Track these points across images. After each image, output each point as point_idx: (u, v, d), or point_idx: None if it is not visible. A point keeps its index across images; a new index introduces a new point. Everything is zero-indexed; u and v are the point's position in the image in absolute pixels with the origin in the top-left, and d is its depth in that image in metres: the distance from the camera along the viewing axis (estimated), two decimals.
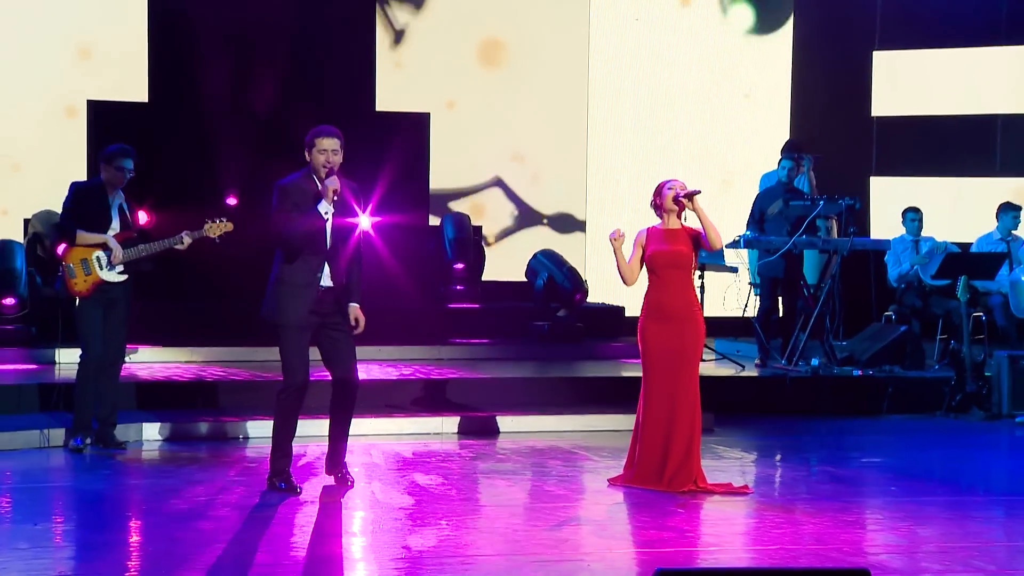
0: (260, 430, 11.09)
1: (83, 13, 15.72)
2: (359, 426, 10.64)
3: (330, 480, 9.56)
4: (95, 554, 8.04)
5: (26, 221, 14.57)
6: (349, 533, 8.69)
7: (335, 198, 9.21)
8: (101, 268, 10.39)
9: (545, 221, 17.23)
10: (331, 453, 9.64)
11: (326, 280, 9.26)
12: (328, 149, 9.17)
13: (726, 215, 15.08)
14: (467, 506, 9.35)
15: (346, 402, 9.56)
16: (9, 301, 13.08)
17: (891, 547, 8.35)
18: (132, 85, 15.41)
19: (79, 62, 15.59)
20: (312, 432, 10.30)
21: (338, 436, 9.61)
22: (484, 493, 9.85)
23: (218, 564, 7.82)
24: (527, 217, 17.04)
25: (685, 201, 9.69)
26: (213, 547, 8.14)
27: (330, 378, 9.52)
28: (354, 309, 9.42)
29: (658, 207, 9.74)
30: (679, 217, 9.72)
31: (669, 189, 9.71)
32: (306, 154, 9.32)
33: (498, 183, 17.00)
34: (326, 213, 9.13)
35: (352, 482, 9.64)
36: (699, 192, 9.71)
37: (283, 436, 9.38)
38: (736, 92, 17.62)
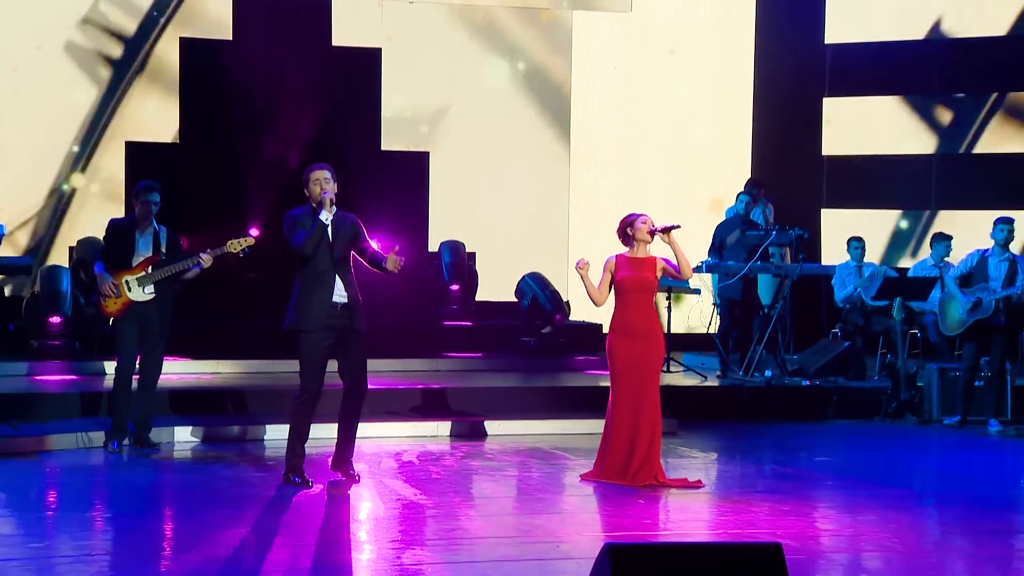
0: (278, 433, 11.04)
1: None
2: (365, 429, 10.66)
3: (337, 475, 9.61)
4: (134, 536, 8.23)
5: (71, 248, 14.56)
6: (355, 520, 8.89)
7: (333, 208, 9.27)
8: (130, 291, 10.45)
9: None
10: (339, 452, 9.68)
11: (339, 296, 9.35)
12: (320, 179, 9.32)
13: (695, 242, 14.82)
14: (457, 498, 9.46)
15: (355, 408, 9.65)
16: (55, 319, 13.09)
17: (816, 531, 8.52)
18: (165, 128, 15.39)
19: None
20: (324, 435, 10.28)
21: (346, 437, 9.67)
22: (473, 487, 9.95)
23: (241, 544, 8.05)
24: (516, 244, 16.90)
25: (662, 235, 9.69)
26: (236, 530, 8.36)
27: (342, 386, 9.60)
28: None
29: (629, 237, 9.76)
30: (647, 247, 9.82)
31: (643, 223, 9.71)
32: (305, 190, 9.50)
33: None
34: (327, 219, 9.21)
35: (358, 478, 9.65)
36: (678, 227, 9.72)
37: (297, 437, 9.48)
38: (703, 132, 17.51)
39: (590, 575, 5.81)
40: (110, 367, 12.35)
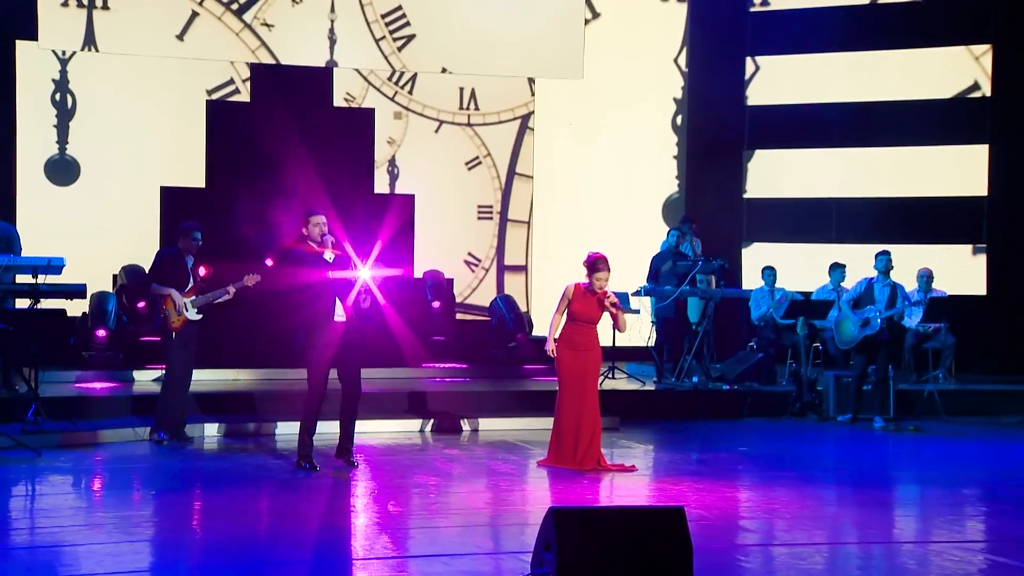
0: (288, 428, 11.14)
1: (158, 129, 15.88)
2: (362, 426, 10.75)
3: (340, 463, 9.74)
4: (173, 509, 8.50)
5: (114, 276, 14.48)
6: (353, 496, 9.15)
7: (335, 252, 9.57)
8: (188, 311, 10.63)
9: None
10: (342, 443, 9.81)
11: (339, 316, 9.58)
12: (320, 223, 9.62)
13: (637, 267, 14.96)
14: (437, 479, 9.69)
15: (352, 405, 9.81)
16: (101, 333, 13.10)
17: (723, 502, 8.85)
18: (194, 175, 15.24)
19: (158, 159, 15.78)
20: (326, 430, 10.37)
21: (347, 430, 9.82)
22: (451, 471, 10.11)
23: (262, 514, 8.41)
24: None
25: (609, 308, 9.80)
26: (258, 503, 8.71)
27: (341, 388, 9.75)
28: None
29: (589, 274, 9.86)
30: (599, 281, 9.83)
31: (597, 280, 9.79)
32: (303, 228, 9.71)
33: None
34: (330, 259, 9.48)
35: (357, 464, 9.79)
36: (621, 310, 9.88)
37: (306, 430, 9.64)
38: (644, 177, 17.62)
39: (539, 531, 6.24)
40: (147, 375, 12.72)
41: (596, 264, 9.84)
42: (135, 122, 16.02)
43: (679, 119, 17.64)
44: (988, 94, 16.29)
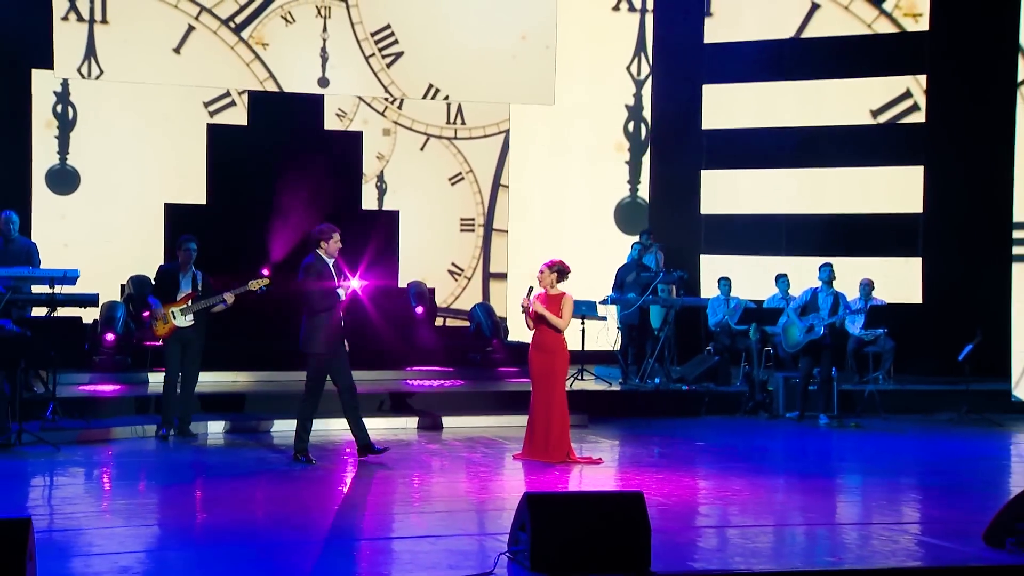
0: (284, 426, 11.20)
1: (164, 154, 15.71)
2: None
3: (368, 457, 9.82)
4: (181, 497, 8.64)
5: (122, 286, 14.30)
6: (345, 485, 9.34)
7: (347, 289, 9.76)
8: (175, 319, 10.75)
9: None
10: (361, 438, 9.85)
11: (337, 323, 9.75)
12: (338, 239, 9.85)
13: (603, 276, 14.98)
14: (421, 471, 9.85)
15: (355, 400, 9.93)
16: (109, 337, 13.03)
17: (681, 490, 8.96)
18: (195, 192, 15.13)
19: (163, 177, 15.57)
20: (320, 427, 10.60)
21: (359, 425, 9.89)
22: (434, 463, 10.23)
23: (263, 502, 8.54)
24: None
25: (531, 308, 9.96)
26: (260, 493, 8.83)
27: (337, 389, 9.82)
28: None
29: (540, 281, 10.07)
30: (552, 286, 10.03)
31: (532, 292, 10.02)
32: (322, 241, 9.81)
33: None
34: (343, 291, 9.77)
35: (387, 448, 9.90)
36: (532, 311, 9.93)
37: (303, 427, 9.83)
38: (608, 192, 17.40)
39: (515, 514, 6.52)
40: (154, 377, 12.43)
41: (563, 268, 10.10)
42: (135, 136, 15.88)
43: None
44: (923, 120, 16.21)
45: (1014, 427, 13.05)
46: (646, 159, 17.53)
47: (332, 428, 11.19)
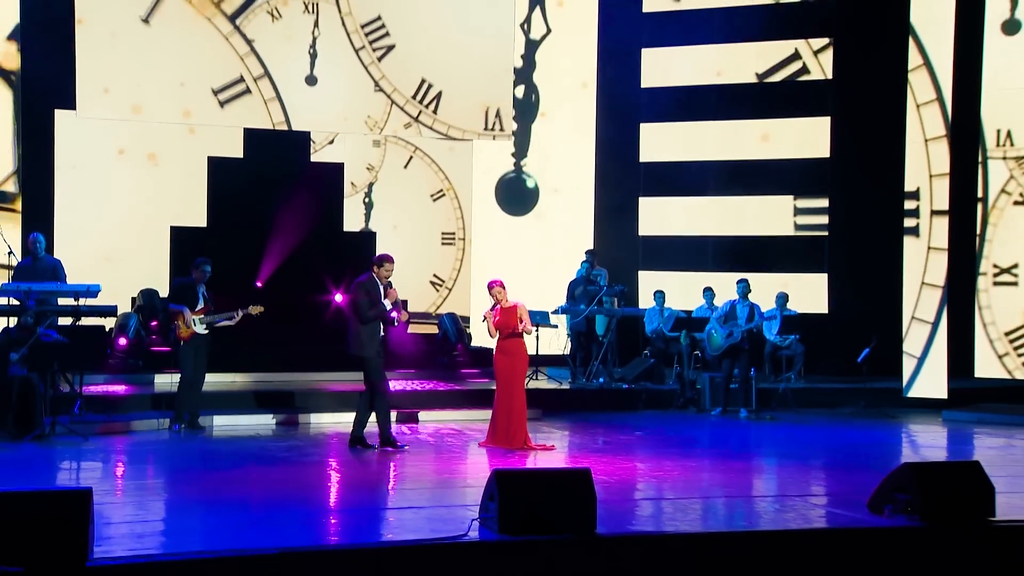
0: (284, 419, 11.54)
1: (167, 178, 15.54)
2: (336, 417, 11.50)
3: (388, 448, 9.91)
4: (189, 478, 8.75)
5: (133, 298, 14.39)
6: (337, 468, 9.43)
7: (395, 299, 10.01)
8: (196, 326, 11.02)
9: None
10: (384, 431, 10.00)
11: (380, 334, 10.10)
12: (392, 269, 10.08)
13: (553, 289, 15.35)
14: (401, 455, 9.89)
15: (382, 400, 10.09)
16: (122, 342, 13.19)
17: (621, 470, 9.18)
18: (197, 216, 15.14)
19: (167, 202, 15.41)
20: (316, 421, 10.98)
21: (384, 422, 10.05)
22: (411, 450, 10.18)
23: (259, 480, 8.66)
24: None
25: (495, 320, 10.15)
26: (259, 473, 8.92)
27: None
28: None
29: (496, 299, 10.26)
30: (505, 300, 10.26)
31: (493, 303, 10.22)
32: (375, 266, 10.06)
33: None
34: (387, 302, 9.97)
35: (406, 445, 9.99)
36: (496, 322, 10.10)
37: (385, 419, 10.03)
38: (560, 217, 17.41)
39: (484, 488, 6.73)
40: (161, 378, 12.70)
41: (495, 285, 10.39)
42: (144, 166, 15.67)
43: (590, 170, 17.47)
44: (827, 155, 16.30)
45: (904, 419, 13.24)
46: (592, 186, 17.54)
47: (323, 422, 11.53)
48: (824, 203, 16.54)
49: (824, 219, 16.56)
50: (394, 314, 10.12)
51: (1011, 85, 14.79)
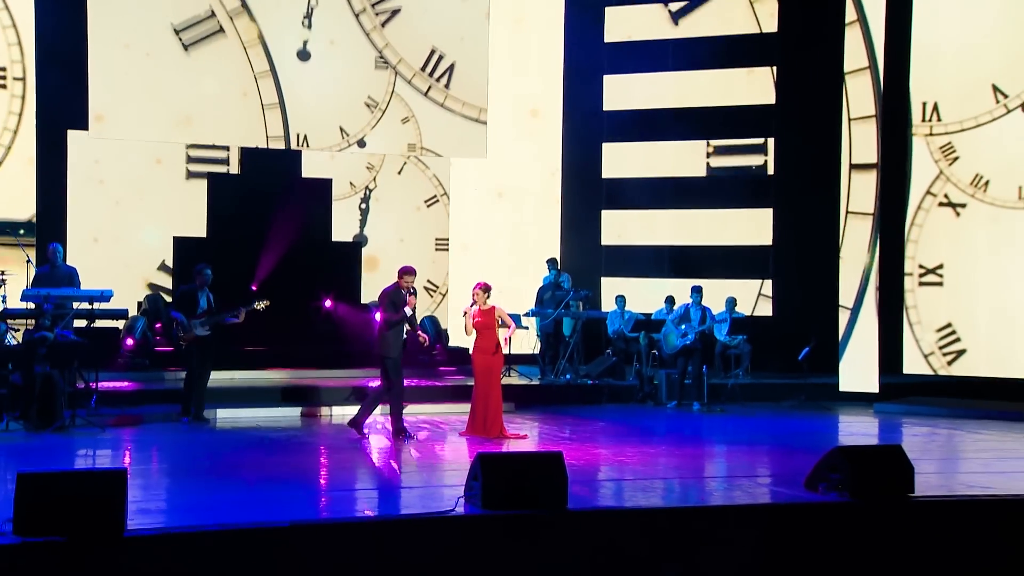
0: (279, 412, 11.70)
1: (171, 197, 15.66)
2: (346, 410, 11.65)
3: (401, 437, 10.04)
4: (194, 463, 8.87)
5: (139, 303, 14.64)
6: (334, 453, 9.61)
7: (415, 305, 10.23)
8: (196, 329, 11.15)
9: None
10: (397, 423, 10.21)
11: (404, 336, 10.39)
12: (413, 281, 10.26)
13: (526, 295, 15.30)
14: (390, 442, 10.12)
15: (402, 395, 10.33)
16: (129, 342, 13.34)
17: (587, 455, 9.40)
18: (197, 227, 15.22)
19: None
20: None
21: (397, 415, 10.27)
22: (399, 439, 10.23)
23: (261, 464, 8.77)
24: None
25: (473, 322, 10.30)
26: (261, 458, 9.09)
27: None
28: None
29: (475, 300, 10.52)
30: (483, 303, 10.49)
31: (471, 303, 10.44)
32: (399, 277, 10.25)
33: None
34: (408, 310, 10.17)
35: (416, 436, 10.14)
36: (475, 323, 10.26)
37: (397, 412, 10.22)
38: (529, 228, 17.42)
39: (469, 470, 6.96)
40: (167, 375, 12.92)
41: (484, 287, 10.54)
42: (152, 181, 15.72)
43: (556, 186, 17.51)
44: (772, 173, 16.49)
45: (839, 410, 13.43)
46: (559, 200, 17.65)
47: (319, 414, 11.76)
48: (769, 215, 16.68)
49: (769, 230, 16.70)
50: (419, 333, 10.39)
51: (940, 48, 13.95)
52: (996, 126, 14.08)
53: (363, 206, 16.79)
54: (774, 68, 16.66)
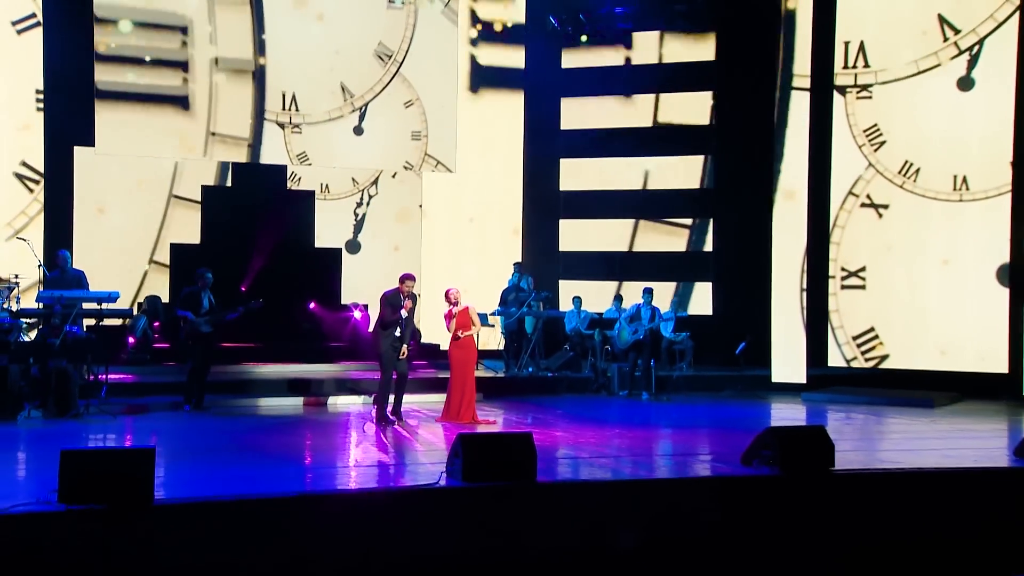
0: (273, 402, 11.81)
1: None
2: (344, 399, 11.92)
3: (394, 418, 10.22)
4: (195, 444, 9.05)
5: (139, 304, 14.72)
6: (325, 435, 9.85)
7: (410, 308, 10.34)
8: (200, 327, 11.33)
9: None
10: (395, 408, 10.49)
11: (398, 334, 10.49)
12: (412, 286, 10.42)
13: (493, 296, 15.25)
14: (374, 426, 10.27)
15: (402, 385, 10.56)
16: (131, 340, 13.38)
17: (547, 437, 9.55)
18: (192, 235, 15.33)
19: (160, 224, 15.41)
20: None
21: (398, 400, 10.50)
22: (380, 424, 10.39)
23: (256, 445, 8.86)
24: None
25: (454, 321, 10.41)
26: (256, 440, 9.23)
27: (395, 375, 10.45)
28: (404, 348, 10.45)
29: (451, 303, 10.70)
30: (457, 304, 10.69)
31: (450, 306, 10.56)
32: (400, 282, 10.37)
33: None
34: (404, 312, 10.35)
35: (404, 421, 10.27)
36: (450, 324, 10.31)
37: (382, 400, 10.46)
38: (494, 237, 17.33)
39: (450, 449, 7.13)
40: (167, 370, 12.94)
41: (452, 294, 10.80)
42: (151, 193, 15.57)
43: (517, 197, 17.46)
44: (712, 186, 16.63)
45: (772, 399, 13.64)
46: (521, 210, 17.64)
47: (309, 404, 11.83)
48: (710, 226, 16.89)
49: (709, 237, 16.86)
50: (409, 339, 10.56)
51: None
52: (934, 79, 13.27)
53: (357, 211, 16.77)
54: (712, 92, 17.06)
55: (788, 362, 14.34)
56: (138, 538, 6.06)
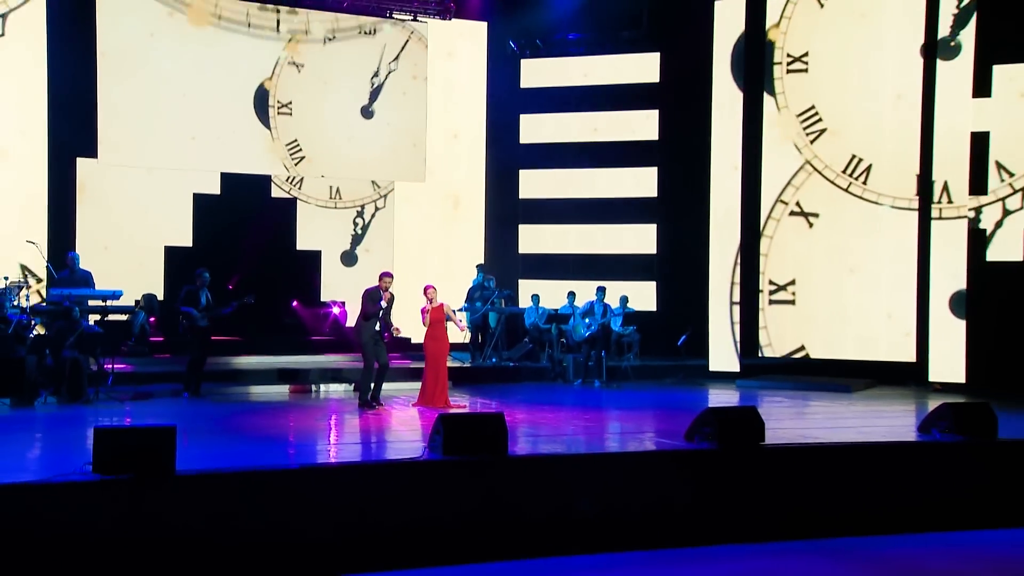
0: (264, 389, 12.04)
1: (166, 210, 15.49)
2: (327, 386, 12.14)
3: (373, 403, 10.26)
4: (194, 424, 9.04)
5: (137, 301, 13.89)
6: (315, 418, 9.87)
7: (389, 300, 10.42)
8: (200, 321, 11.50)
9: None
10: (375, 393, 10.51)
11: (377, 326, 10.57)
12: (390, 283, 10.52)
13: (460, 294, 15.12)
14: (358, 412, 10.37)
15: (383, 373, 10.57)
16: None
17: (512, 421, 9.28)
18: (184, 238, 15.40)
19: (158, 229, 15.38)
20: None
21: (379, 386, 10.51)
22: (362, 409, 10.50)
23: (250, 425, 8.99)
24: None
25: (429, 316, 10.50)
26: (250, 421, 9.31)
27: (377, 364, 10.47)
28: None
29: (428, 300, 10.83)
30: (434, 301, 10.86)
31: (427, 304, 10.71)
32: (380, 279, 10.48)
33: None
34: (383, 304, 10.44)
35: (383, 404, 10.37)
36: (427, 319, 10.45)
37: (364, 387, 10.56)
38: (463, 243, 17.11)
39: (432, 428, 7.22)
40: (162, 361, 13.13)
41: (428, 292, 10.95)
42: (147, 199, 15.44)
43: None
44: (656, 195, 16.86)
45: (710, 385, 13.90)
46: (483, 215, 17.55)
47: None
48: (654, 229, 17.11)
49: (654, 242, 17.12)
50: (386, 333, 10.60)
51: None
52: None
53: (358, 220, 16.68)
54: (658, 110, 17.38)
55: (724, 353, 14.62)
56: (162, 502, 6.36)
